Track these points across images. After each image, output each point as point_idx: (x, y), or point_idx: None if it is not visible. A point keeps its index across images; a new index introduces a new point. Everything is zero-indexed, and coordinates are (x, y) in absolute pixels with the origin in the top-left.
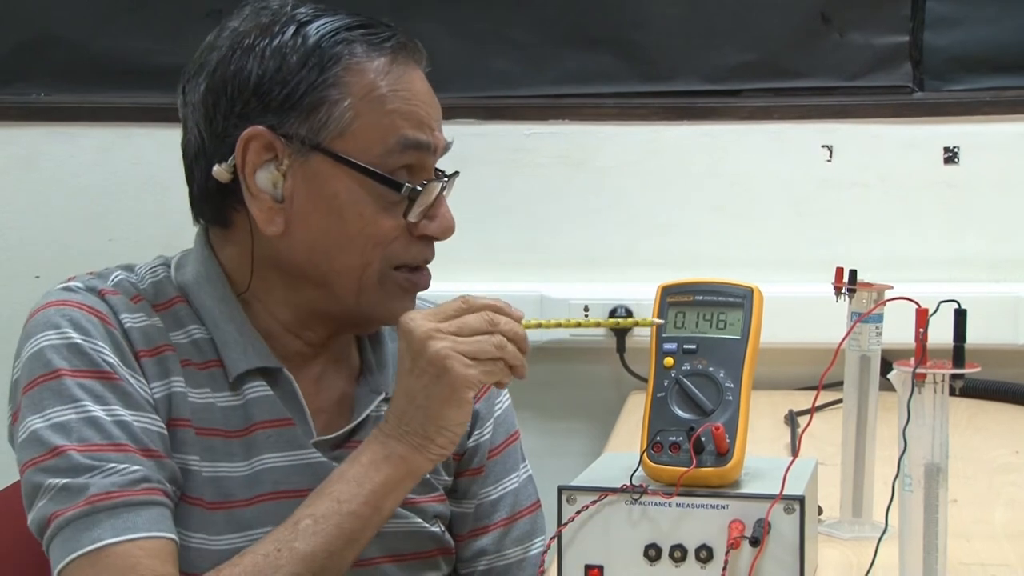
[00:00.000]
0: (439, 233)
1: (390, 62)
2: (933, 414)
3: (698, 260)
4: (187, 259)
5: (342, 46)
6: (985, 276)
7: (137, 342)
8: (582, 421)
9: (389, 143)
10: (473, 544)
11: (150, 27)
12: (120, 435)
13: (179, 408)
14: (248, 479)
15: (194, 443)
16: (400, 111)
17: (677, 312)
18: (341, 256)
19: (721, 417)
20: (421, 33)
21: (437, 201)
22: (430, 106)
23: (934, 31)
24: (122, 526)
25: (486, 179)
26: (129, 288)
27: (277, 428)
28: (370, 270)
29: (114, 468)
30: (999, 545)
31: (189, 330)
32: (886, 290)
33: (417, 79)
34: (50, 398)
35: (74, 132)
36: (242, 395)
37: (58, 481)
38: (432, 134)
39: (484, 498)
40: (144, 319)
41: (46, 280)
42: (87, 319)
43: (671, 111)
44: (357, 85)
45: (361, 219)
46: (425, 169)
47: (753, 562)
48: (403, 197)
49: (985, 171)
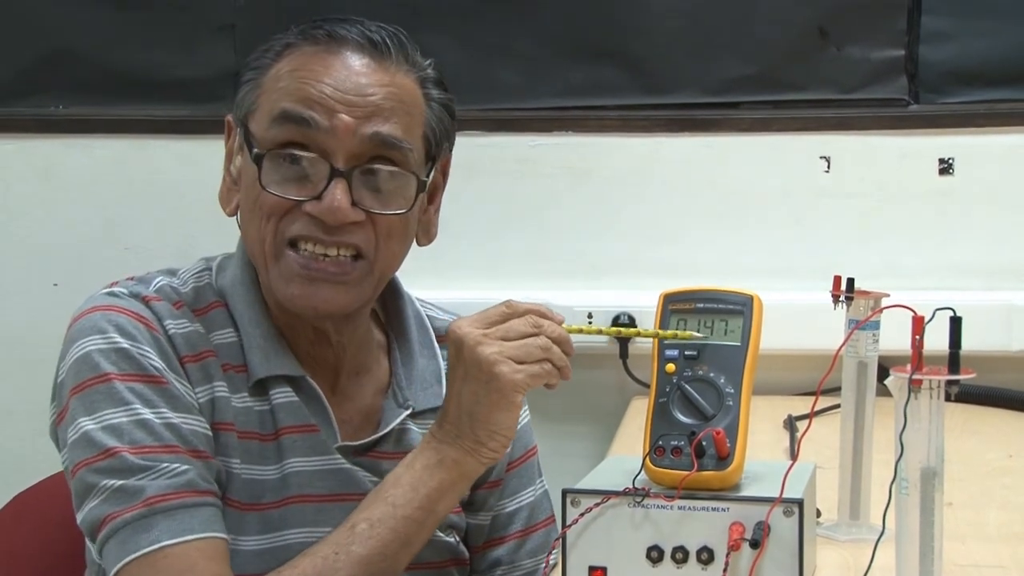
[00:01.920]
0: (317, 212)
1: (315, 47)
2: (929, 419)
3: (699, 268)
4: (228, 262)
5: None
6: (979, 284)
7: (181, 347)
8: (586, 425)
9: (272, 116)
10: (488, 555)
11: (165, 41)
12: (170, 437)
13: (223, 412)
14: (278, 482)
15: (236, 446)
16: (288, 88)
17: (679, 319)
18: (248, 230)
19: (722, 422)
20: (429, 46)
21: (331, 183)
22: (339, 88)
23: (929, 45)
24: (179, 527)
25: (492, 189)
26: (171, 294)
27: (303, 433)
28: (267, 245)
29: (166, 469)
30: (993, 547)
31: (224, 334)
32: (883, 298)
33: (339, 64)
34: (101, 401)
35: (91, 144)
36: (269, 400)
37: (113, 482)
38: (326, 113)
39: (500, 510)
40: (187, 325)
41: (63, 288)
42: (132, 324)
43: (672, 123)
44: (276, 68)
45: (251, 191)
46: (318, 148)
47: (753, 564)
48: (253, 164)
49: (979, 182)
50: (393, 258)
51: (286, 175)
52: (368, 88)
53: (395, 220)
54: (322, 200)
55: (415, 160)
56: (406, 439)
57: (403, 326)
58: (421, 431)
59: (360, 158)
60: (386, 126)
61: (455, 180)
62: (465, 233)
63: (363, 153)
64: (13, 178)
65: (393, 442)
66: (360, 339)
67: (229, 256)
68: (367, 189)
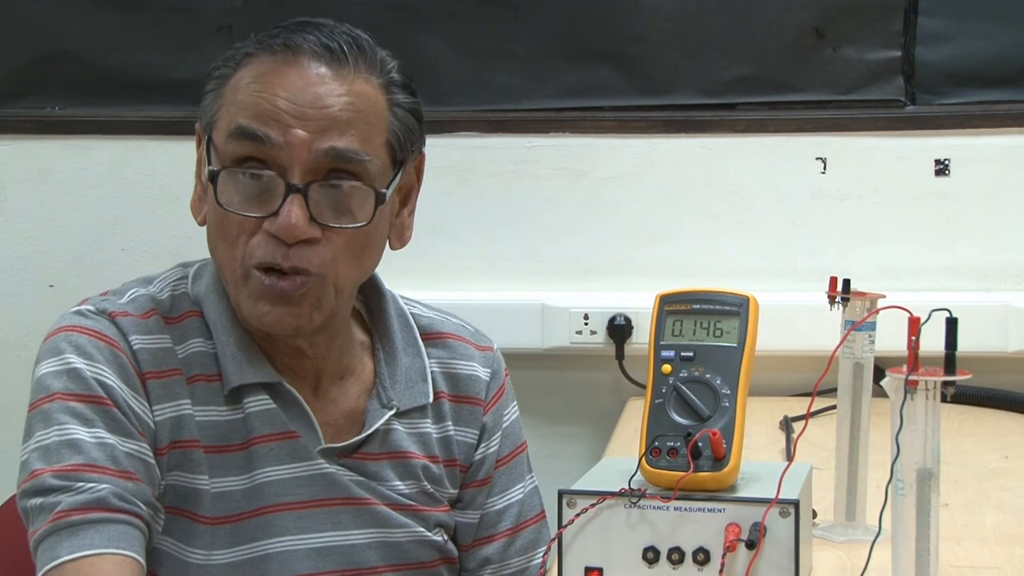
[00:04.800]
0: (275, 231)
1: (273, 58)
2: (925, 420)
3: (695, 269)
4: (204, 270)
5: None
6: (975, 285)
7: (145, 363)
8: (582, 426)
9: (228, 132)
10: (478, 553)
11: (162, 43)
12: (99, 455)
13: (188, 429)
14: (248, 492)
15: (203, 462)
16: (244, 102)
17: (675, 320)
18: (216, 248)
19: (718, 423)
20: (425, 48)
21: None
22: (294, 102)
23: (926, 46)
24: (80, 543)
25: (488, 190)
26: (144, 304)
27: (279, 441)
28: (235, 266)
29: (82, 487)
30: (989, 548)
31: (197, 343)
32: (879, 299)
33: (295, 76)
34: (39, 422)
35: (87, 145)
36: (242, 408)
37: (36, 502)
38: (280, 128)
39: (489, 508)
40: (154, 340)
41: (60, 289)
42: (92, 344)
43: (668, 124)
44: (235, 79)
45: (216, 209)
46: (273, 163)
47: (749, 565)
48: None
49: (975, 183)
50: (356, 270)
51: (247, 192)
52: (325, 99)
53: (355, 233)
54: (278, 217)
55: (376, 170)
56: (391, 439)
57: (386, 325)
58: (407, 431)
59: (317, 172)
60: (343, 140)
61: (451, 182)
62: (461, 234)
63: (319, 167)
64: (9, 179)
65: (379, 443)
66: (341, 345)
67: (205, 263)
68: (325, 203)
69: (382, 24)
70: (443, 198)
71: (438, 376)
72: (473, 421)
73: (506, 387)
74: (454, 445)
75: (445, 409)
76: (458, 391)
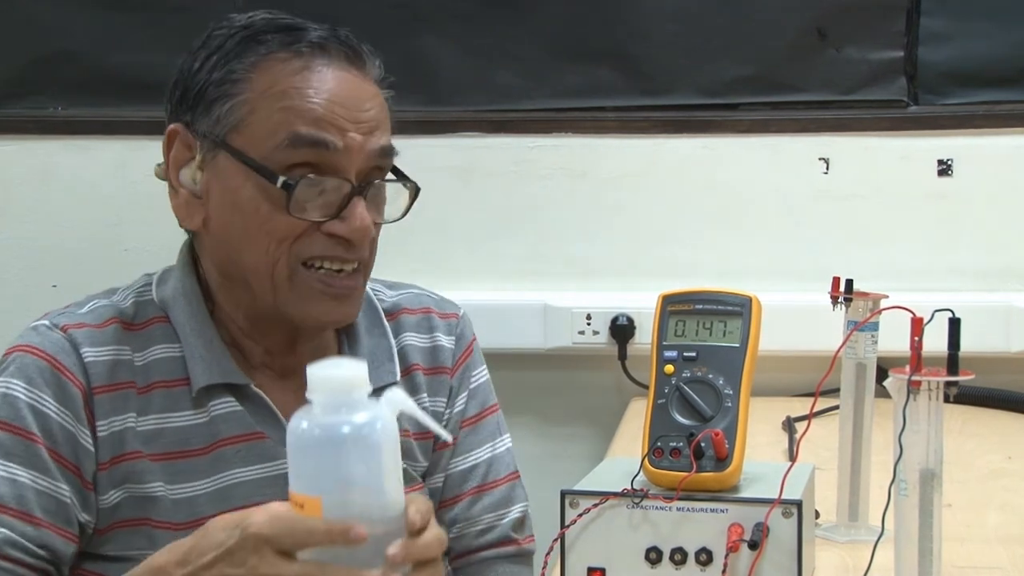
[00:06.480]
0: (346, 234)
1: (301, 60)
2: (928, 420)
3: (698, 270)
4: (169, 275)
5: (254, 44)
6: (978, 285)
7: (97, 376)
8: (585, 427)
9: (279, 139)
10: (444, 516)
11: (164, 42)
12: (5, 492)
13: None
14: (215, 495)
15: (154, 470)
16: (296, 108)
17: (677, 320)
18: (249, 252)
19: (720, 423)
20: (427, 49)
21: (351, 202)
22: (342, 105)
23: (928, 46)
24: None
25: (490, 191)
26: (103, 313)
27: (247, 443)
28: (279, 267)
29: None
30: (992, 548)
31: (161, 349)
32: (882, 299)
33: (334, 77)
34: None
35: (89, 145)
36: (208, 412)
37: None
38: (339, 133)
39: (454, 468)
40: (108, 352)
41: (62, 289)
42: (37, 366)
43: (670, 124)
44: (259, 81)
45: (258, 214)
46: (331, 168)
47: (752, 565)
48: (280, 191)
49: (978, 183)
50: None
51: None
52: (365, 102)
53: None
54: (346, 220)
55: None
56: None
57: None
58: None
59: (367, 174)
60: (384, 138)
61: (453, 182)
62: (463, 235)
63: (368, 168)
64: (12, 179)
65: None
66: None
67: (169, 269)
68: (372, 202)
69: (384, 24)
70: (445, 198)
71: (412, 351)
72: (442, 389)
73: (473, 349)
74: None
75: (419, 381)
76: (430, 363)
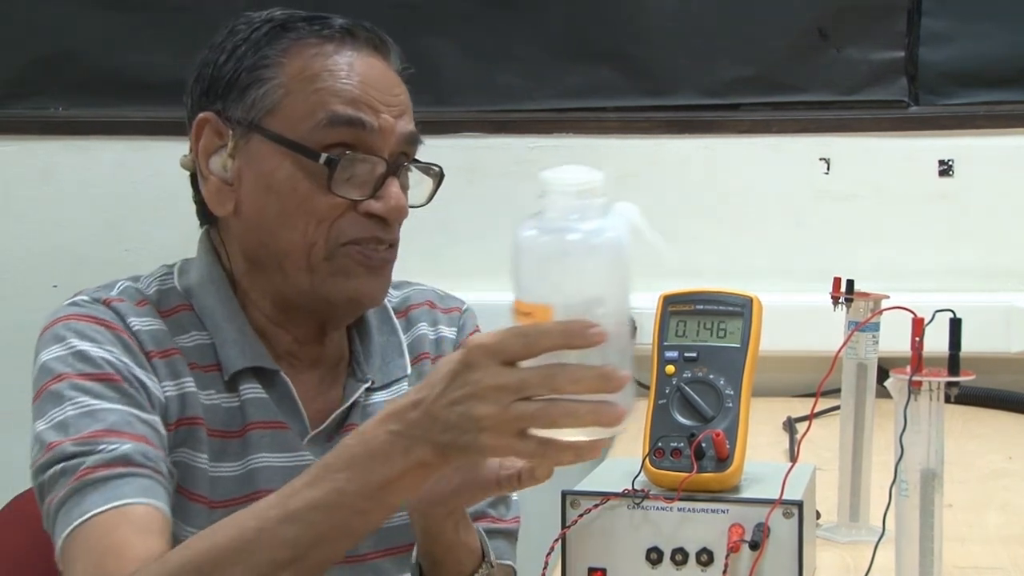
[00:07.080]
0: (384, 212)
1: (332, 45)
2: (929, 421)
3: (698, 270)
4: (190, 265)
5: (283, 31)
6: (979, 286)
7: (147, 343)
8: None
9: (318, 118)
10: None
11: (165, 43)
12: (117, 421)
13: (193, 407)
14: (241, 478)
15: (205, 442)
16: (331, 88)
17: (678, 321)
18: (285, 234)
19: (721, 423)
20: (429, 50)
21: (387, 181)
22: (374, 88)
23: (929, 47)
24: (109, 496)
25: (491, 191)
26: (135, 294)
27: (271, 430)
28: (316, 248)
29: (103, 448)
30: (993, 548)
31: (191, 336)
32: (882, 299)
33: (363, 63)
34: (50, 401)
35: (91, 145)
36: (239, 396)
37: (55, 469)
38: (373, 113)
39: None
40: (151, 323)
41: (63, 289)
42: (92, 328)
43: (672, 124)
44: (291, 65)
45: (296, 194)
46: (366, 148)
47: (753, 565)
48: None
49: (979, 183)
50: None
51: (341, 177)
52: (394, 87)
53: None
54: (382, 199)
55: None
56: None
57: None
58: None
59: (398, 156)
60: (411, 124)
61: (455, 182)
62: (465, 235)
63: (397, 152)
64: (13, 180)
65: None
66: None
67: (189, 260)
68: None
69: (386, 24)
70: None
71: (423, 340)
72: None
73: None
74: None
75: (427, 371)
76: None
